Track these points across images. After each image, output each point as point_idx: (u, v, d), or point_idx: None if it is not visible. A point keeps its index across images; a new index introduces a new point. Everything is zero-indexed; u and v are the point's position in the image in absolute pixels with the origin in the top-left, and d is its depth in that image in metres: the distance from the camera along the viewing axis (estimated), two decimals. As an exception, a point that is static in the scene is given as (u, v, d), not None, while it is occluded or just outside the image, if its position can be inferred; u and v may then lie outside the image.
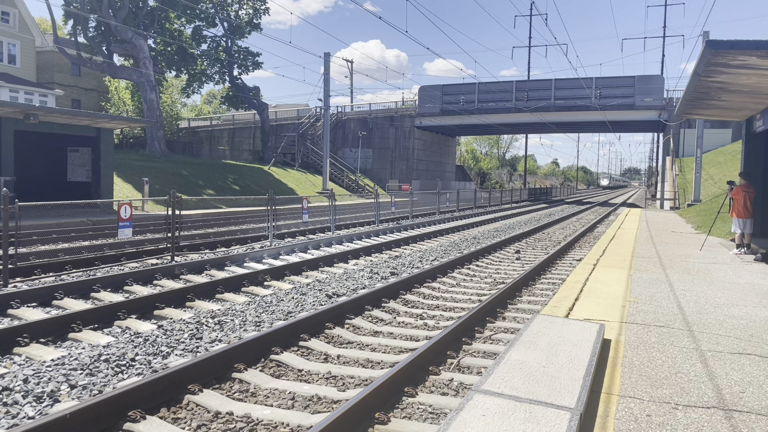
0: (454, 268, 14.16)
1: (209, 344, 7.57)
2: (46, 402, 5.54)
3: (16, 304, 9.20)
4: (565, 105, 54.31)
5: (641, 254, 13.88)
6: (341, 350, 7.57)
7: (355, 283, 12.01)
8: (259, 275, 12.09)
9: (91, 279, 10.68)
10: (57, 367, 6.36)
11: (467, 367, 6.95)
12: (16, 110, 21.94)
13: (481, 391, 4.47)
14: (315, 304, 10.03)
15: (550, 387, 4.60)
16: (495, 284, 12.64)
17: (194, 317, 8.80)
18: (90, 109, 53.33)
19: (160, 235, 18.67)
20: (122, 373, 6.37)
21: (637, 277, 10.64)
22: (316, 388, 6.10)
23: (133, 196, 30.02)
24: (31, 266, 12.19)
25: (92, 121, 25.01)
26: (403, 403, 5.76)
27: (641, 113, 52.54)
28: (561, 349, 5.59)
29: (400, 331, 8.56)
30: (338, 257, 15.25)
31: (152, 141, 45.46)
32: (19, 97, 44.46)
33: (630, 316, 7.55)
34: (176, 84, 60.91)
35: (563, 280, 12.50)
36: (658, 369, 5.46)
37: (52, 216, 22.07)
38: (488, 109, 57.03)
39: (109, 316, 8.73)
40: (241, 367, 6.52)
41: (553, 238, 22.43)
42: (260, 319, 8.89)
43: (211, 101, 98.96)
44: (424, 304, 10.53)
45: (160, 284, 11.65)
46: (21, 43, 47.99)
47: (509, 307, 10.24)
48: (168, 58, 50.35)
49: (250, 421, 5.32)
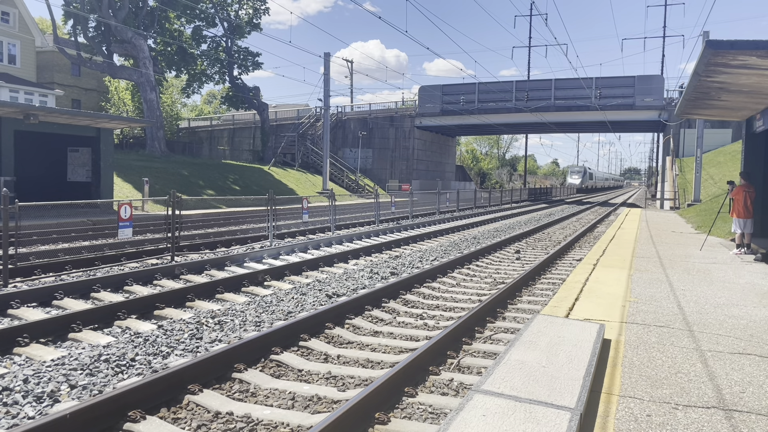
0: (454, 268, 14.15)
1: (209, 344, 7.57)
2: (46, 402, 5.55)
3: (16, 304, 9.21)
4: (565, 105, 54.15)
5: (641, 254, 13.87)
6: (341, 350, 7.57)
7: (355, 283, 12.00)
8: (259, 275, 12.09)
9: (91, 279, 10.68)
10: (57, 367, 6.36)
11: (467, 367, 6.95)
12: (16, 110, 21.96)
13: (481, 391, 4.47)
14: (315, 304, 10.02)
15: (550, 387, 4.60)
16: (495, 284, 12.62)
17: (194, 317, 8.80)
18: (90, 109, 53.29)
19: (160, 235, 18.67)
20: (122, 373, 6.38)
21: (637, 277, 10.63)
22: (316, 388, 6.10)
23: (133, 196, 30.03)
24: (31, 266, 12.18)
25: (92, 121, 25.02)
26: (403, 403, 5.76)
27: (641, 113, 52.38)
28: (561, 349, 5.59)
29: (400, 331, 8.56)
30: (338, 257, 15.25)
31: (152, 141, 45.46)
32: (19, 97, 44.50)
33: (630, 316, 7.54)
34: (176, 84, 60.89)
35: (563, 280, 12.49)
36: (658, 369, 5.46)
37: (52, 216, 22.09)
38: (488, 109, 56.90)
39: (109, 316, 8.73)
40: (241, 367, 6.51)
41: (553, 238, 22.40)
42: (260, 319, 8.88)
43: (211, 101, 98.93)
44: (424, 304, 10.52)
45: (160, 284, 11.64)
46: (21, 43, 48.04)
47: (509, 307, 10.23)
48: (168, 58, 50.35)
49: (250, 421, 5.32)
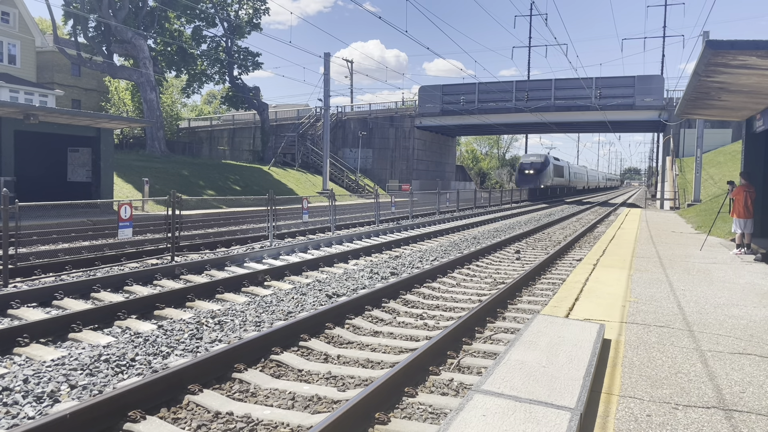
0: (454, 268, 14.15)
1: (209, 344, 7.57)
2: (46, 402, 5.55)
3: (16, 304, 9.21)
4: (565, 105, 54.20)
5: (641, 254, 13.87)
6: (341, 350, 7.57)
7: (355, 283, 12.00)
8: (259, 275, 12.09)
9: (91, 279, 10.69)
10: (57, 367, 6.36)
11: (467, 367, 6.95)
12: (16, 110, 21.97)
13: (481, 391, 4.47)
14: (315, 304, 10.02)
15: (550, 387, 4.60)
16: (495, 284, 12.62)
17: (194, 317, 8.80)
18: (90, 109, 53.28)
19: (160, 235, 18.67)
20: (122, 373, 6.38)
21: (637, 277, 10.64)
22: (316, 388, 6.10)
23: (133, 196, 30.03)
24: (31, 266, 12.19)
25: (92, 121, 25.03)
26: (404, 403, 5.76)
27: (641, 113, 52.43)
28: (561, 349, 5.59)
29: (400, 331, 8.56)
30: (338, 257, 15.25)
31: (152, 141, 45.45)
32: (20, 97, 44.53)
33: (630, 316, 7.55)
34: (176, 84, 60.85)
35: (563, 280, 12.49)
36: (659, 369, 5.46)
37: (53, 216, 22.10)
38: (488, 109, 56.92)
39: (109, 316, 8.74)
40: (241, 367, 6.52)
41: (553, 238, 22.42)
42: (260, 319, 8.89)
43: (211, 101, 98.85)
44: (424, 304, 10.52)
45: (160, 284, 11.65)
46: (21, 43, 48.05)
47: (509, 307, 10.23)
48: (168, 58, 50.35)
49: (250, 421, 5.32)
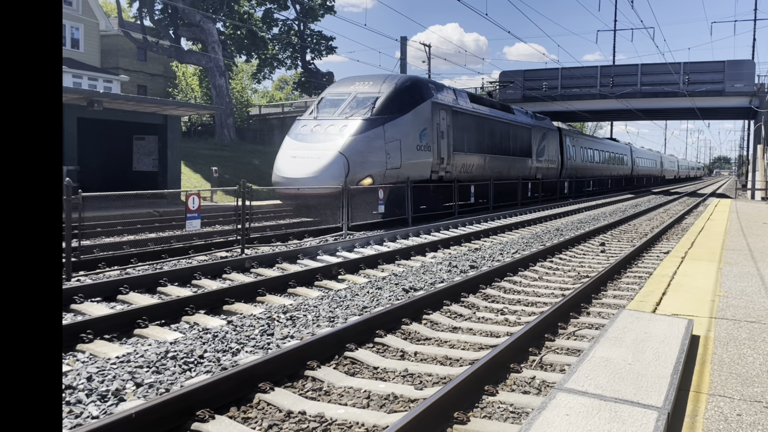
0: (536, 261, 14.03)
1: (281, 340, 7.62)
2: (111, 401, 5.66)
3: (80, 299, 9.47)
4: (652, 91, 53.34)
5: (731, 247, 13.48)
6: (418, 347, 7.53)
7: (432, 276, 11.94)
8: (333, 268, 12.14)
9: (158, 273, 10.95)
10: (122, 364, 6.50)
11: (550, 365, 6.87)
12: (79, 97, 22.69)
13: (564, 390, 4.43)
14: (391, 298, 9.99)
15: (636, 385, 4.53)
16: (579, 278, 12.50)
17: (265, 312, 8.89)
18: (156, 95, 54.46)
19: (229, 227, 19.05)
20: (190, 371, 6.47)
21: (727, 270, 10.31)
22: (392, 387, 6.06)
23: (201, 186, 30.80)
24: (95, 259, 12.57)
25: (159, 108, 25.77)
26: (483, 402, 5.70)
27: (731, 99, 51.36)
28: (647, 346, 5.51)
29: (479, 327, 8.50)
30: (415, 249, 15.23)
31: (221, 129, 46.44)
32: (83, 83, 45.33)
33: (719, 311, 7.33)
34: (246, 69, 62.07)
35: (650, 273, 12.30)
36: (749, 366, 5.28)
37: (117, 207, 22.78)
38: (571, 95, 56.24)
39: (176, 311, 8.89)
40: (313, 365, 6.52)
41: (640, 229, 22.42)
42: (334, 314, 8.91)
43: (283, 87, 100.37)
44: (504, 299, 10.43)
45: (230, 278, 11.84)
46: (84, 27, 48.86)
47: (593, 301, 10.09)
48: (238, 43, 51.30)
49: (323, 420, 5.31)
